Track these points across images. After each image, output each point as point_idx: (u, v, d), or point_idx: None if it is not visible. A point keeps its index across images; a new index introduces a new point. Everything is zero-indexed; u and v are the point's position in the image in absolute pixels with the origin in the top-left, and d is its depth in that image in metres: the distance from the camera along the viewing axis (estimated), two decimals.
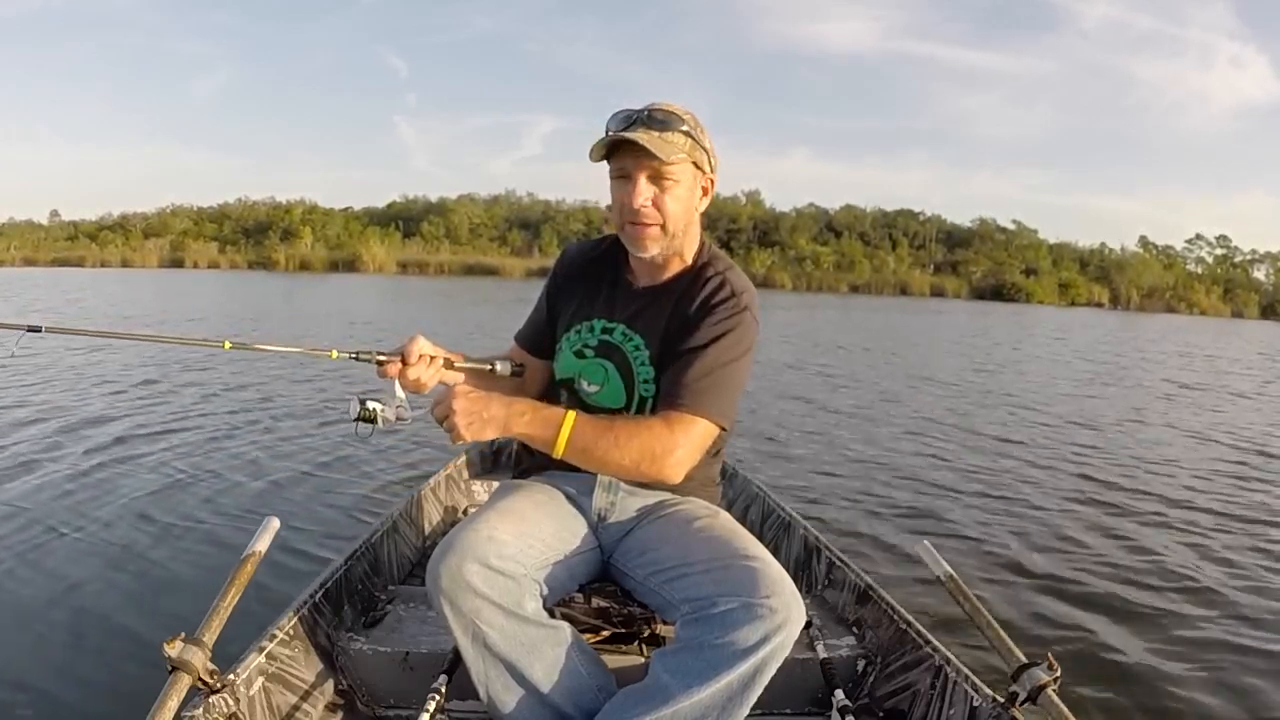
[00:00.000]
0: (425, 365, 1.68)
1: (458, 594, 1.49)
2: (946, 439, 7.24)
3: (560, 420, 1.56)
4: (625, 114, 1.68)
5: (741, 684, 1.44)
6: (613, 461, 1.58)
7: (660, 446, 1.58)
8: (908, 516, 4.78)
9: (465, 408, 1.51)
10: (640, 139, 1.60)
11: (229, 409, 6.99)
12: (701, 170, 1.72)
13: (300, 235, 51.89)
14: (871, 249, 56.25)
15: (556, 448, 1.56)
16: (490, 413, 1.53)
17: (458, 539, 1.52)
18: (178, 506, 4.29)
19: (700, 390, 1.63)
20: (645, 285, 1.82)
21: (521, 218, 58.49)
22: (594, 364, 1.80)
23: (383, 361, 1.67)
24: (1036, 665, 1.56)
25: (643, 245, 1.71)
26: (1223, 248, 61.04)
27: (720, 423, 1.66)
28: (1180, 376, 14.08)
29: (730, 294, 1.72)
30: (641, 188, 1.66)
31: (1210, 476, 6.31)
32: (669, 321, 1.75)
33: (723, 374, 1.66)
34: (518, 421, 1.55)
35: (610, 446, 1.56)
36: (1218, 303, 52.63)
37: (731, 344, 1.68)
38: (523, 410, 1.56)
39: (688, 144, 1.66)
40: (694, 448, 1.63)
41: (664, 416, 1.62)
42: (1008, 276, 52.58)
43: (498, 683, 1.56)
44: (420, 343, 1.69)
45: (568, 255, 1.99)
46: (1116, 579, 3.94)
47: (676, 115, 1.66)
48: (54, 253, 48.35)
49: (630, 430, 1.59)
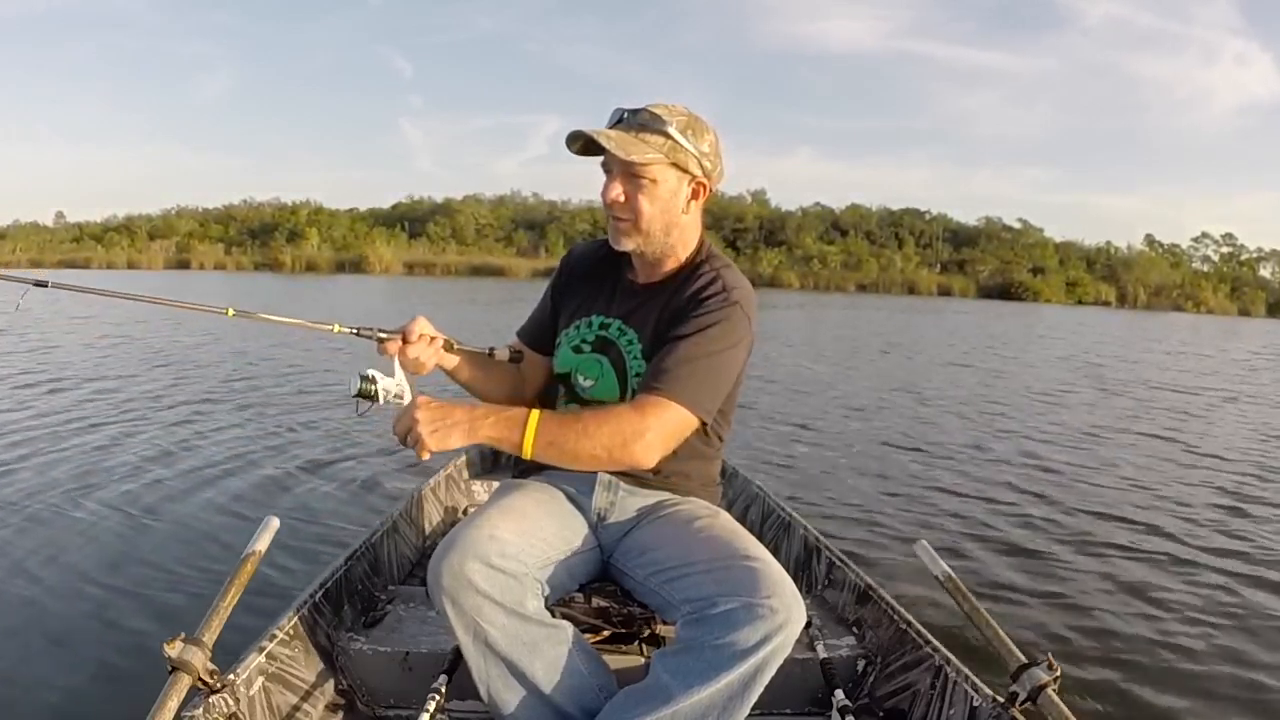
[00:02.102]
0: (425, 344, 1.70)
1: (459, 592, 1.49)
2: (948, 439, 7.23)
3: (524, 418, 1.54)
4: (616, 112, 1.70)
5: (742, 684, 1.43)
6: (584, 452, 1.55)
7: (630, 429, 1.56)
8: (907, 516, 4.78)
9: (428, 416, 1.49)
10: (604, 138, 1.62)
11: (229, 408, 7.01)
12: (688, 172, 1.71)
13: (306, 236, 51.98)
14: (878, 248, 56.19)
15: (524, 447, 1.53)
16: (454, 418, 1.50)
17: (459, 537, 1.51)
18: (177, 506, 4.30)
19: (677, 376, 1.62)
20: (644, 283, 1.84)
21: (527, 218, 58.61)
22: (590, 359, 1.82)
23: (384, 339, 1.68)
24: (1036, 665, 1.55)
25: (617, 239, 1.74)
26: (1228, 245, 60.95)
27: (697, 413, 1.64)
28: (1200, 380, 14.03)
29: (721, 289, 1.72)
30: (613, 184, 1.69)
31: (1217, 478, 6.29)
32: (660, 314, 1.76)
33: (705, 364, 1.65)
34: (482, 424, 1.52)
35: (578, 436, 1.54)
36: (1224, 301, 52.50)
37: (717, 335, 1.67)
38: (486, 413, 1.54)
39: (666, 145, 1.66)
40: (666, 433, 1.60)
41: (635, 401, 1.62)
42: (1015, 275, 52.52)
43: (499, 681, 1.56)
44: (421, 322, 1.70)
45: (573, 254, 2.02)
46: (1117, 579, 3.93)
47: (661, 117, 1.66)
48: (59, 254, 48.44)
49: (599, 419, 1.58)
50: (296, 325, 1.76)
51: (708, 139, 1.71)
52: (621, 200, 1.69)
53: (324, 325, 1.68)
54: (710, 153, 1.72)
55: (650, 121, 1.66)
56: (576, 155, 1.70)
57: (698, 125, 1.70)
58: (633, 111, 1.68)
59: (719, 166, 1.76)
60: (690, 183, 1.73)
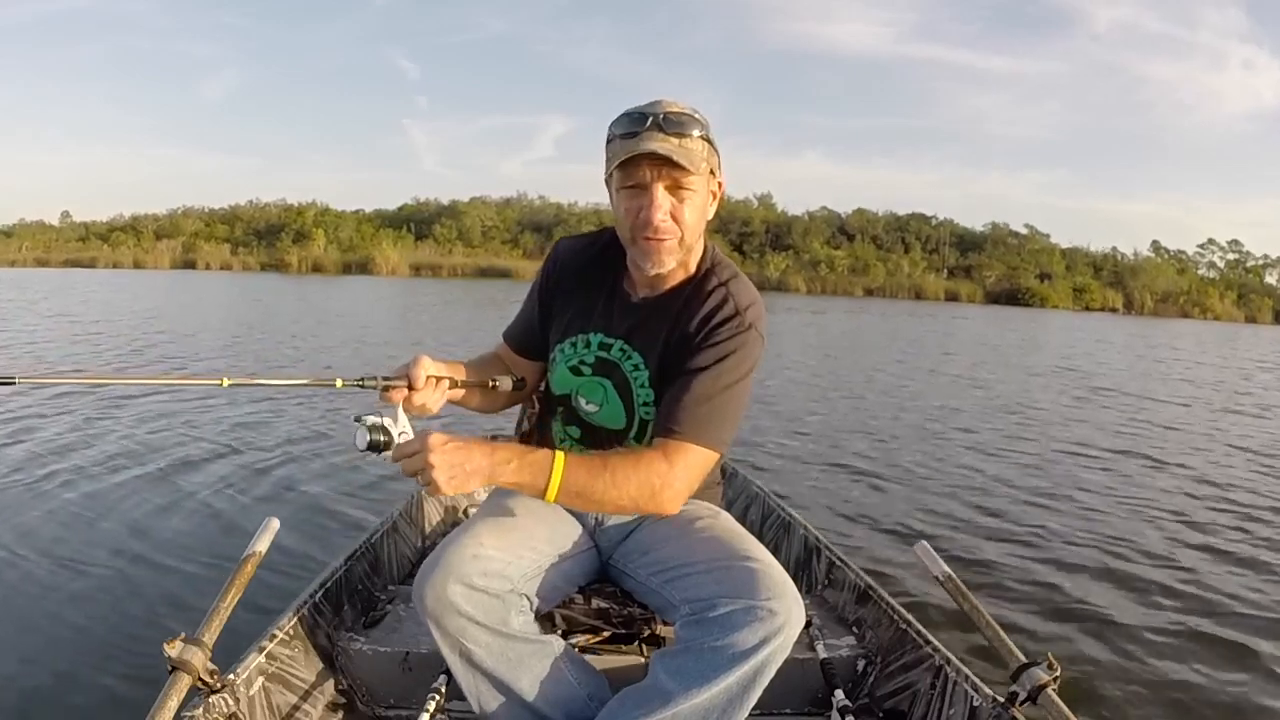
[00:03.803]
0: (432, 388, 1.59)
1: (442, 614, 1.50)
2: (949, 440, 7.23)
3: (550, 464, 1.45)
4: (635, 115, 1.55)
5: (741, 686, 1.43)
6: (610, 501, 1.49)
7: (659, 482, 1.50)
8: (907, 515, 4.77)
9: (445, 461, 1.37)
10: (662, 149, 1.49)
11: (228, 408, 7.00)
12: (714, 175, 1.62)
13: (313, 237, 51.94)
14: (884, 252, 55.99)
15: (549, 494, 1.45)
16: (473, 464, 1.39)
17: (442, 557, 1.51)
18: (177, 507, 4.30)
19: (699, 418, 1.55)
20: (644, 297, 1.73)
21: (534, 220, 58.42)
22: (592, 382, 1.74)
23: (389, 387, 1.54)
24: (1036, 665, 1.56)
25: (659, 261, 1.61)
26: (1235, 252, 60.61)
27: (719, 450, 1.60)
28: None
29: (734, 311, 1.62)
30: (660, 200, 1.55)
31: (1219, 478, 6.27)
32: (668, 338, 1.66)
33: (722, 399, 1.57)
34: (503, 470, 1.42)
35: (607, 487, 1.47)
36: (1231, 308, 52.24)
37: (733, 366, 1.59)
38: (508, 458, 1.43)
39: (705, 149, 1.56)
40: (692, 478, 1.55)
41: (661, 447, 1.54)
42: (1022, 281, 52.30)
43: (487, 696, 1.57)
44: (425, 363, 1.58)
45: (561, 250, 1.88)
46: (1117, 579, 3.93)
47: (692, 117, 1.55)
48: (66, 253, 48.43)
49: (627, 468, 1.50)
50: (298, 385, 1.71)
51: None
52: (668, 219, 1.56)
53: (325, 382, 1.60)
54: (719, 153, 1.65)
55: (687, 124, 1.54)
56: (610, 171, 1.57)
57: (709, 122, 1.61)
58: (664, 115, 1.54)
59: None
60: (713, 186, 1.65)
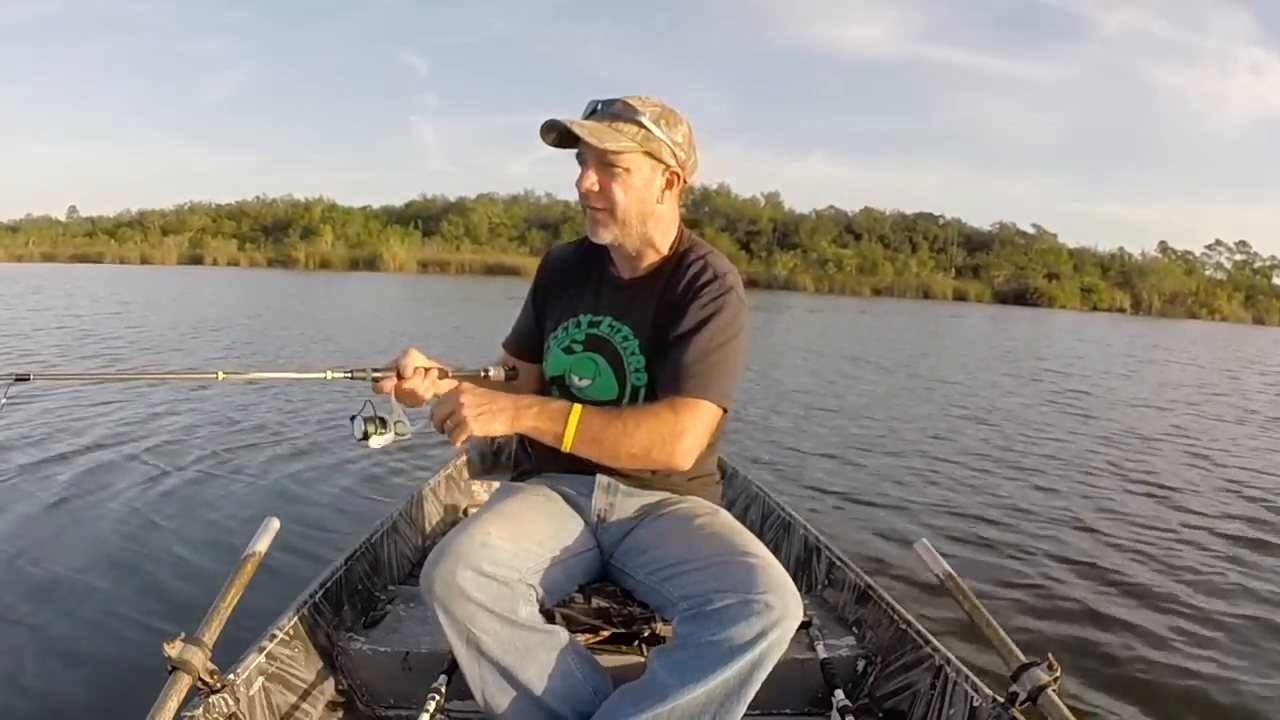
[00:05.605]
0: (421, 378, 1.68)
1: (451, 600, 1.50)
2: (949, 440, 7.24)
3: (567, 411, 1.58)
4: (591, 103, 1.72)
5: (739, 681, 1.44)
6: (624, 450, 1.59)
7: (669, 430, 1.59)
8: (907, 515, 4.78)
9: (473, 401, 1.53)
10: (578, 128, 1.63)
11: (228, 409, 6.99)
12: (662, 162, 1.72)
13: (320, 234, 51.93)
14: (892, 252, 55.85)
15: (565, 440, 1.57)
16: (498, 405, 1.55)
17: (451, 545, 1.52)
18: (177, 507, 4.30)
19: (700, 373, 1.64)
20: (629, 278, 1.85)
21: (540, 218, 58.32)
22: (583, 358, 1.81)
23: (378, 378, 1.66)
24: (1036, 665, 1.55)
25: (594, 230, 1.75)
26: (1242, 253, 60.38)
27: (723, 404, 1.68)
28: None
29: (713, 276, 1.74)
30: (588, 173, 1.70)
31: (1221, 480, 6.27)
32: (657, 308, 1.77)
33: (719, 356, 1.67)
34: (525, 414, 1.57)
35: (620, 434, 1.58)
36: (1239, 309, 52.09)
37: (723, 325, 1.69)
38: (530, 403, 1.58)
39: (640, 134, 1.67)
40: (701, 431, 1.63)
41: (669, 402, 1.63)
42: (1030, 281, 52.16)
43: (493, 686, 1.57)
44: (413, 355, 1.69)
45: (551, 256, 2.02)
46: (1117, 579, 3.93)
47: (634, 107, 1.68)
48: (73, 249, 48.34)
49: (638, 417, 1.61)
50: (289, 379, 1.81)
51: (681, 130, 1.74)
52: (596, 189, 1.70)
53: (316, 374, 1.66)
54: (684, 143, 1.74)
55: (624, 111, 1.68)
56: (551, 147, 1.70)
57: (671, 116, 1.72)
58: (606, 102, 1.70)
59: (693, 158, 1.78)
60: (664, 173, 1.74)
